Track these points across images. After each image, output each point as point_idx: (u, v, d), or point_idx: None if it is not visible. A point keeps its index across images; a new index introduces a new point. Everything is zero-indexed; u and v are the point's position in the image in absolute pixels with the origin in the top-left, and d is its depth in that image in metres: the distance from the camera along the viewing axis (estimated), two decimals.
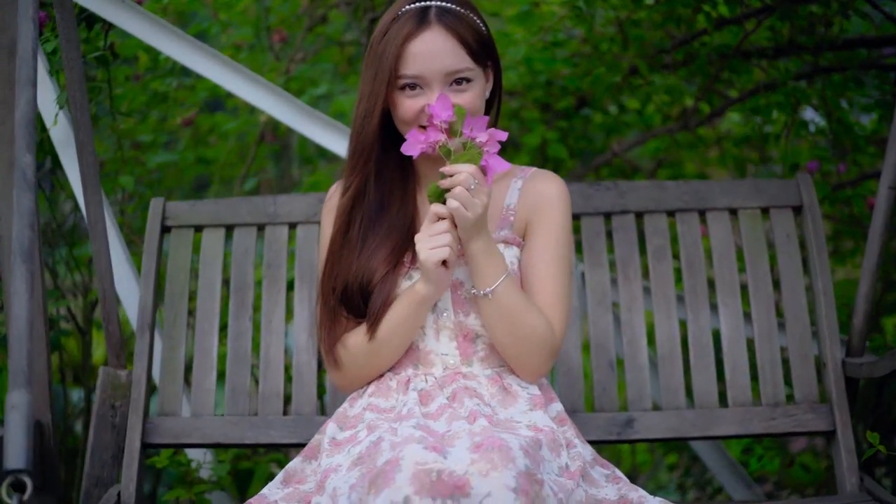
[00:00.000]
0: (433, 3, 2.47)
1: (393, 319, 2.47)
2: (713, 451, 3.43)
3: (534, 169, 2.62)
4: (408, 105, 2.46)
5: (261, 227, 3.06)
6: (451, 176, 2.35)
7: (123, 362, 2.91)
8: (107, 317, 2.87)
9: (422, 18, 2.45)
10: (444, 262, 2.40)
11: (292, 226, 3.06)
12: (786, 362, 2.98)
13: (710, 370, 2.93)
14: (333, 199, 2.63)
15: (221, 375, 2.98)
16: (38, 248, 2.83)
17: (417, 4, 2.47)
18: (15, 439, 1.96)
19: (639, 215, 3.06)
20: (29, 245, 2.15)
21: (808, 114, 4.31)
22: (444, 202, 2.37)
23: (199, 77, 3.98)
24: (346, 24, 4.67)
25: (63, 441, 4.07)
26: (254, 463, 3.14)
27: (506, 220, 2.57)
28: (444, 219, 2.39)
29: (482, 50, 2.49)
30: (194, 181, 4.69)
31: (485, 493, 2.07)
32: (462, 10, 2.48)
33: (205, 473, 3.18)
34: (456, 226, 2.39)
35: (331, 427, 2.50)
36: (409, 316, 2.47)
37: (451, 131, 2.37)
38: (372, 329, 2.49)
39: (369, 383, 2.57)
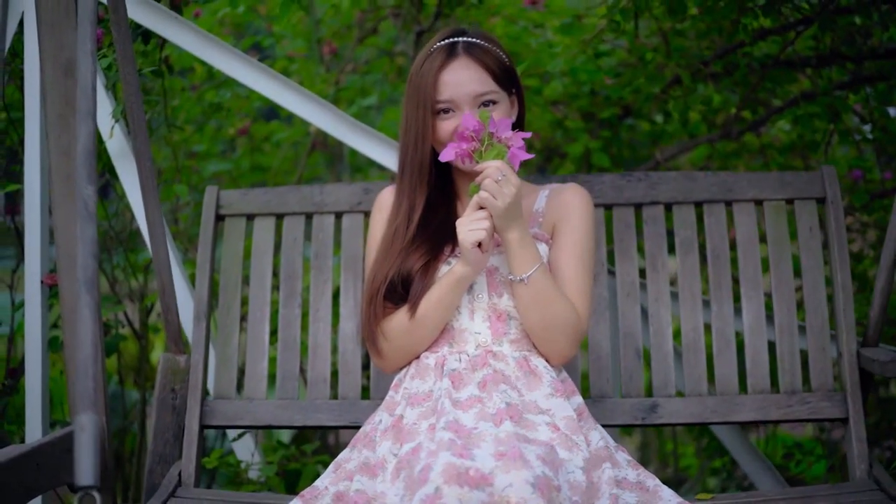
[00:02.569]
0: (460, 39, 2.82)
1: (432, 298, 2.77)
2: (735, 436, 3.60)
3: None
4: (443, 127, 2.80)
5: (308, 216, 3.24)
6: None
7: (182, 348, 3.12)
8: (166, 307, 3.07)
9: (451, 52, 2.81)
10: (479, 246, 2.68)
11: (338, 215, 3.24)
12: (804, 351, 3.12)
13: (731, 359, 3.08)
14: (384, 201, 2.96)
15: (272, 360, 3.17)
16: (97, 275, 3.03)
17: (447, 41, 2.82)
18: (85, 459, 2.17)
19: (668, 207, 3.20)
20: (92, 274, 2.35)
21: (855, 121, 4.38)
22: (475, 187, 2.67)
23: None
24: (395, 35, 4.78)
25: (122, 441, 4.28)
26: (301, 464, 3.34)
27: (535, 221, 2.89)
28: (483, 208, 2.68)
29: (505, 77, 2.82)
30: (249, 186, 4.85)
31: (507, 484, 2.29)
32: (486, 44, 2.83)
33: (253, 474, 3.37)
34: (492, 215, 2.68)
35: (381, 415, 2.75)
36: (446, 294, 2.76)
37: (481, 140, 2.67)
38: (413, 308, 2.78)
39: (409, 363, 2.82)
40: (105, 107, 3.33)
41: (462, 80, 2.78)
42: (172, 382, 3.09)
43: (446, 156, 2.70)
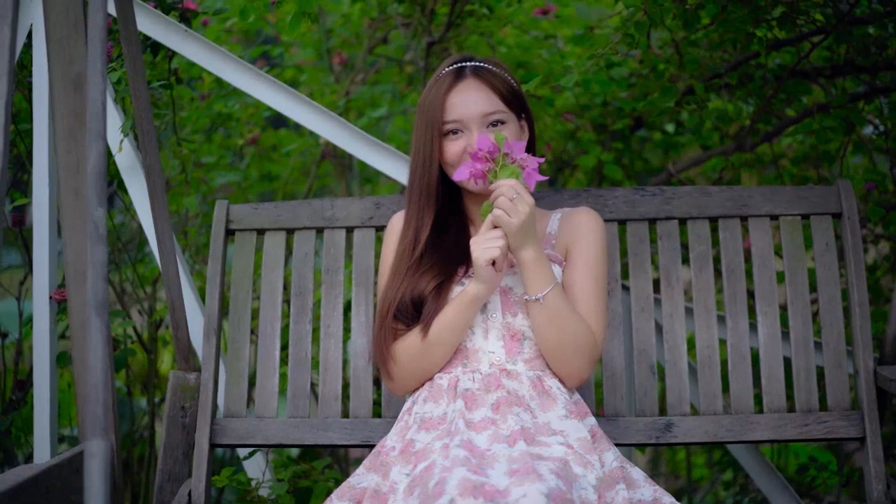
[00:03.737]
0: (468, 63, 2.84)
1: (445, 318, 2.74)
2: (750, 454, 3.57)
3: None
4: (451, 148, 2.81)
5: (319, 231, 3.21)
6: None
7: (192, 365, 3.09)
8: (176, 324, 3.05)
9: (458, 74, 2.84)
10: (493, 264, 2.67)
11: (349, 230, 3.21)
12: (820, 369, 3.09)
13: (746, 376, 3.06)
14: (395, 225, 2.95)
15: (283, 377, 3.15)
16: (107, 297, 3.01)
17: (454, 66, 2.84)
18: (95, 486, 2.15)
19: (682, 222, 3.17)
20: (103, 297, 2.32)
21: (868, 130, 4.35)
22: (488, 206, 2.67)
23: None
24: (405, 44, 4.76)
25: (132, 448, 4.27)
26: (312, 481, 3.32)
27: (548, 243, 2.87)
28: (497, 227, 2.67)
29: (514, 99, 2.83)
30: (258, 197, 4.83)
31: (521, 495, 2.28)
32: (494, 68, 2.84)
33: (264, 491, 3.35)
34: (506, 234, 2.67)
35: (393, 440, 2.73)
36: (460, 314, 2.74)
37: (494, 160, 2.66)
38: (425, 329, 2.75)
39: (422, 384, 2.79)
40: (114, 121, 3.31)
41: (469, 100, 2.80)
42: (182, 400, 3.07)
43: (460, 175, 2.70)
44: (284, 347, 3.18)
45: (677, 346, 3.09)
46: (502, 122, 2.80)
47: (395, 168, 3.46)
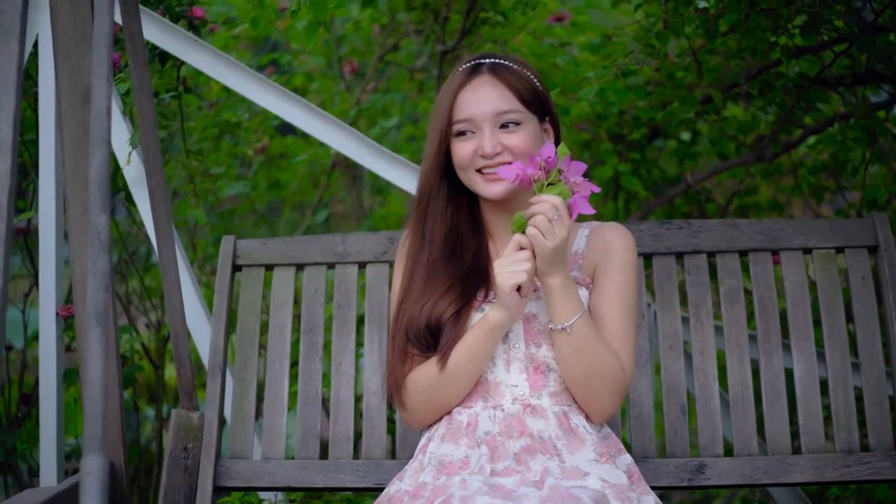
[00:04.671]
0: (486, 60, 2.61)
1: (464, 348, 2.52)
2: (790, 496, 3.39)
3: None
4: (460, 149, 2.58)
5: (331, 266, 3.07)
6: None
7: (196, 404, 2.93)
8: (179, 359, 2.89)
9: (473, 71, 2.62)
10: (518, 290, 2.45)
11: (362, 265, 3.07)
12: (860, 407, 2.93)
13: (783, 415, 2.89)
14: (406, 242, 2.71)
15: (292, 417, 2.99)
16: (112, 308, 2.88)
17: (471, 63, 2.62)
18: None
19: (711, 255, 3.03)
20: (104, 306, 2.17)
21: None
22: (521, 223, 2.45)
23: None
24: (416, 50, 4.67)
25: (139, 462, 4.13)
26: (324, 503, 3.16)
27: (574, 263, 2.65)
28: (525, 248, 2.45)
29: (535, 100, 2.60)
30: (266, 205, 4.73)
31: None
32: (514, 66, 2.61)
33: None
34: (535, 256, 2.44)
35: (407, 482, 2.53)
36: (480, 343, 2.51)
37: (548, 172, 2.44)
38: (443, 360, 2.53)
39: (439, 420, 2.59)
40: (123, 132, 3.21)
41: (482, 97, 2.56)
42: (185, 441, 2.90)
43: (506, 173, 2.45)
44: (294, 387, 3.02)
45: (709, 383, 2.93)
46: (517, 124, 2.56)
47: (408, 179, 3.34)
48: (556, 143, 2.65)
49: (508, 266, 2.44)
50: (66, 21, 2.86)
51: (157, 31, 3.27)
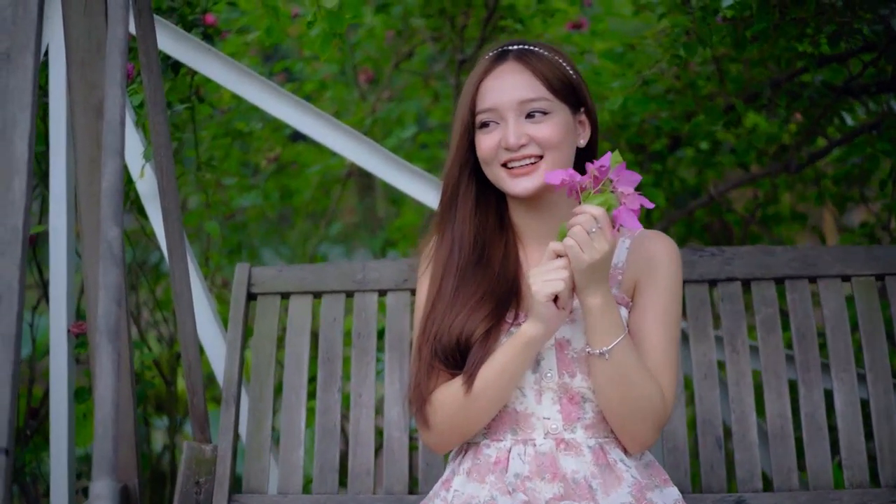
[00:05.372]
0: (514, 46, 2.42)
1: (493, 367, 2.32)
2: None
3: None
4: (484, 142, 2.39)
5: (349, 294, 2.95)
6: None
7: (208, 436, 2.80)
8: (192, 389, 2.77)
9: (498, 57, 2.41)
10: (556, 301, 2.26)
11: (381, 293, 2.95)
12: None
13: (824, 448, 2.76)
14: (431, 246, 2.52)
15: (309, 450, 2.87)
16: (125, 324, 2.77)
17: (497, 50, 2.43)
18: None
19: (745, 283, 2.91)
20: (115, 322, 2.06)
21: None
22: (561, 233, 2.27)
23: None
24: (430, 55, 4.59)
25: (154, 469, 4.02)
26: None
27: (613, 279, 2.43)
28: (561, 257, 2.26)
29: (564, 88, 2.39)
30: (277, 216, 4.63)
31: None
32: (544, 52, 2.41)
33: None
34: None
35: None
36: (512, 360, 2.31)
37: (600, 182, 2.24)
38: (469, 381, 2.34)
39: (465, 452, 2.43)
40: (136, 145, 3.11)
41: (505, 84, 2.36)
42: (197, 474, 2.76)
43: (553, 177, 2.24)
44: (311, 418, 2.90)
45: (746, 415, 2.79)
46: (545, 113, 2.35)
47: (426, 192, 3.24)
48: (594, 136, 2.48)
49: (544, 275, 2.25)
50: (80, 32, 2.77)
51: (170, 41, 3.18)
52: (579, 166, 2.37)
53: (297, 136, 4.51)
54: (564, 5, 4.27)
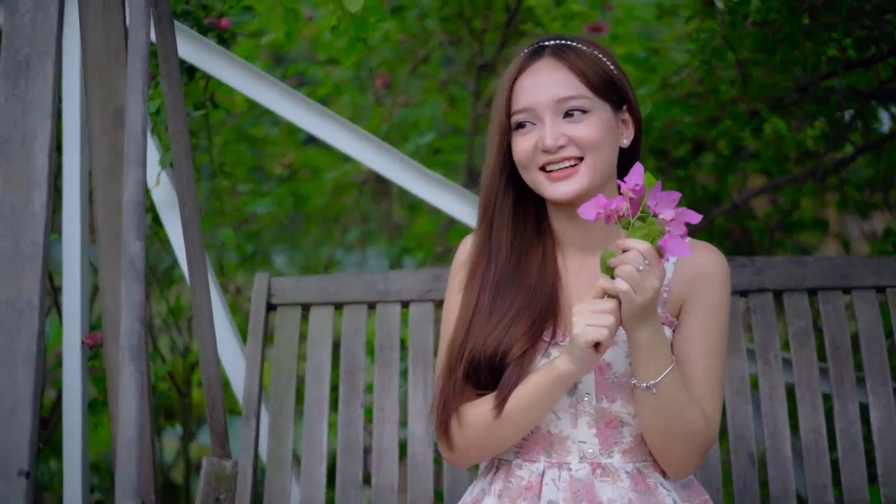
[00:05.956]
0: (550, 42, 2.29)
1: (524, 395, 2.20)
2: None
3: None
4: (520, 144, 2.25)
5: (371, 305, 2.89)
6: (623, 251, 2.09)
7: (228, 452, 2.74)
8: (211, 404, 2.70)
9: (534, 54, 2.28)
10: (596, 346, 2.12)
11: (404, 304, 2.88)
12: None
13: (859, 464, 2.70)
14: (464, 254, 2.39)
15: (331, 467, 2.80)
16: (146, 342, 2.71)
17: (533, 45, 2.30)
18: None
19: (777, 294, 2.84)
20: (138, 341, 2.00)
21: None
22: (608, 269, 2.11)
23: None
24: (445, 59, 4.51)
25: (165, 479, 4.01)
26: None
27: (659, 297, 2.23)
28: (611, 296, 2.10)
29: (605, 85, 2.25)
30: (290, 221, 4.57)
31: None
32: (583, 48, 2.27)
33: None
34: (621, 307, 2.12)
35: None
36: (541, 394, 2.19)
37: (638, 203, 2.08)
38: (500, 404, 2.22)
39: (496, 470, 2.33)
40: (152, 153, 3.04)
41: (541, 82, 2.23)
42: (217, 491, 2.69)
43: (587, 212, 2.07)
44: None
45: (779, 430, 2.73)
46: (584, 111, 2.21)
47: (444, 198, 3.17)
48: (638, 136, 2.33)
49: (589, 317, 2.09)
50: (98, 38, 2.69)
51: (185, 45, 3.10)
52: (622, 168, 2.27)
53: (310, 141, 4.44)
54: (584, 8, 4.20)
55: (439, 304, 2.85)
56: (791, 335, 2.80)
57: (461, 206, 3.17)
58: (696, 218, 2.06)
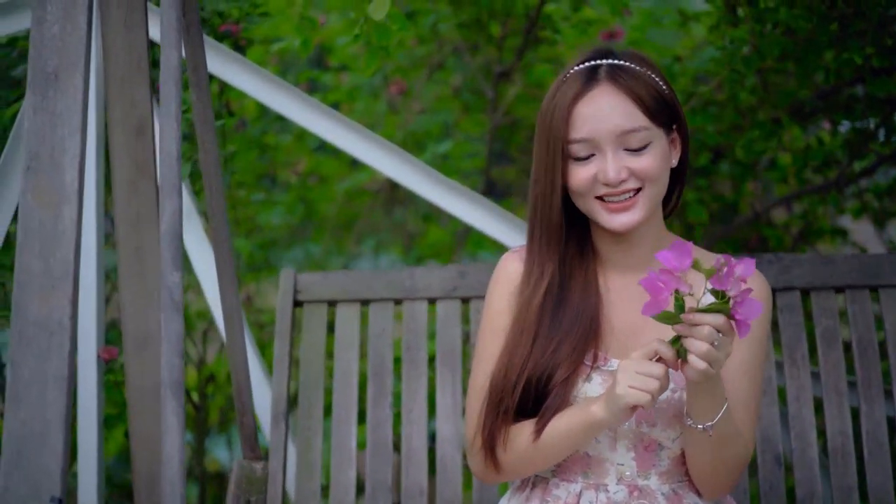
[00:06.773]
0: (604, 61, 2.23)
1: (558, 431, 2.20)
2: None
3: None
4: (578, 174, 2.21)
5: (397, 302, 2.88)
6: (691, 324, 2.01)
7: (259, 454, 2.75)
8: (241, 408, 2.71)
9: (590, 77, 2.21)
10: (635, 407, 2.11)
11: (431, 301, 2.88)
12: None
13: (886, 467, 2.71)
14: (508, 270, 2.35)
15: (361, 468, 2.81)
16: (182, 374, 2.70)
17: (586, 64, 2.24)
18: None
19: (804, 292, 2.84)
20: (178, 376, 1.99)
21: None
22: (672, 340, 2.05)
23: None
24: (459, 66, 4.46)
25: None
26: None
27: None
28: (663, 361, 2.06)
29: (661, 109, 2.22)
30: (301, 226, 4.55)
31: None
32: (637, 68, 2.22)
33: None
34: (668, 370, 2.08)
35: None
36: (575, 436, 2.19)
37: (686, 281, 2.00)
38: (539, 430, 2.22)
39: (532, 487, 2.33)
40: None
41: (602, 112, 2.18)
42: (248, 493, 2.71)
43: (651, 310, 1.99)
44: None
45: (805, 433, 2.74)
46: (645, 143, 2.19)
47: (462, 206, 3.17)
48: (685, 153, 2.30)
49: (635, 378, 2.05)
50: (120, 48, 2.64)
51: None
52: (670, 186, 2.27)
53: (321, 147, 4.41)
54: (603, 15, 4.14)
55: (466, 301, 2.85)
56: (818, 335, 2.79)
57: (481, 215, 3.15)
58: (750, 268, 1.98)
